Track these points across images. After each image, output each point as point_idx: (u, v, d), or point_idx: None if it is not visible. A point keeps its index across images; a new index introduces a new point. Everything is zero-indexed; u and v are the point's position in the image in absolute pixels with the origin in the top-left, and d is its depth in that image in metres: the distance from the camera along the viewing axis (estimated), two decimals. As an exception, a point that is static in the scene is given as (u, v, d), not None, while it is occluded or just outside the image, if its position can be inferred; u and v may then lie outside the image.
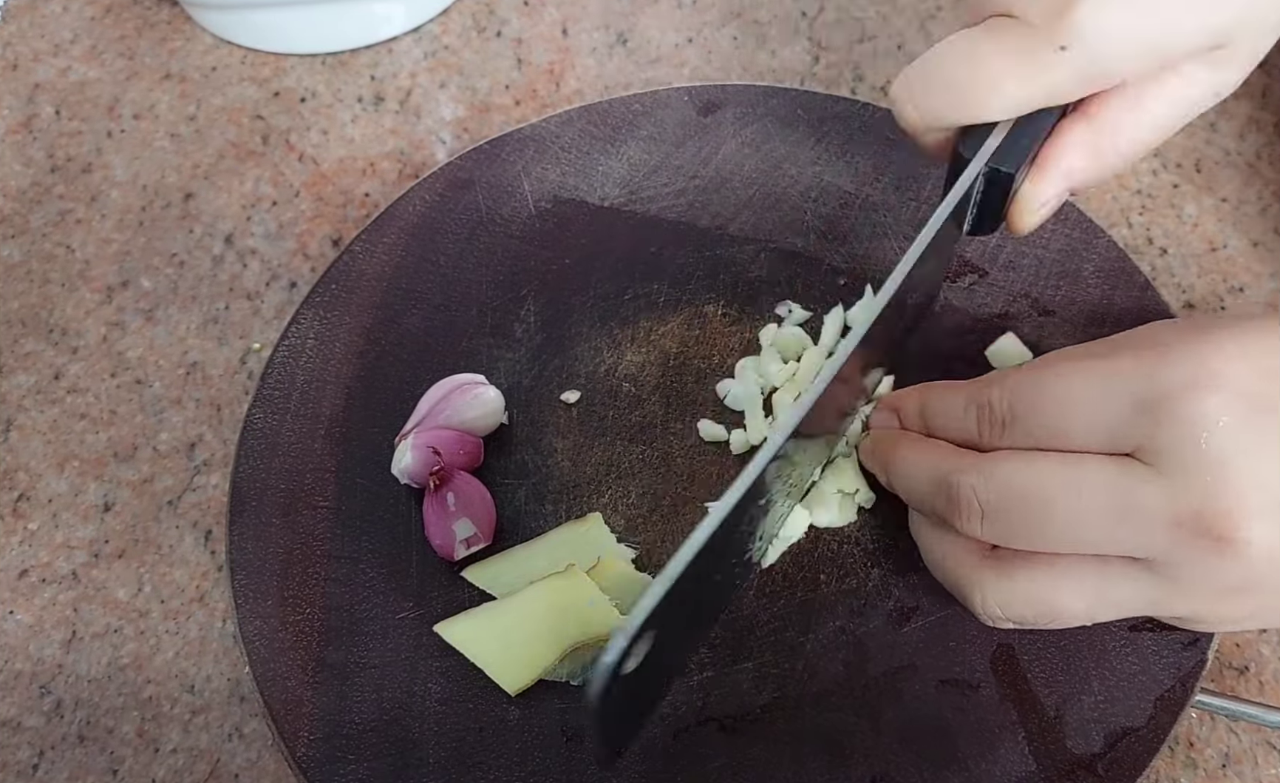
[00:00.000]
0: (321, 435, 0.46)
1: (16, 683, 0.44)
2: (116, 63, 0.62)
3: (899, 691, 0.40)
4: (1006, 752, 0.38)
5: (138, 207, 0.56)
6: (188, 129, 0.59)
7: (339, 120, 0.59)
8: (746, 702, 0.40)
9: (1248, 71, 0.37)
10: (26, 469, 0.49)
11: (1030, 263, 0.49)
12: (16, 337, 0.52)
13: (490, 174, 0.53)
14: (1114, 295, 0.48)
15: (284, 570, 0.43)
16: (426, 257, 0.51)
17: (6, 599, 0.46)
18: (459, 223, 0.52)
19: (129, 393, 0.51)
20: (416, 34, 0.62)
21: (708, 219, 0.52)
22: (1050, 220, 0.49)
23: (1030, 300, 0.48)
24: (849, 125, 0.54)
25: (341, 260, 0.50)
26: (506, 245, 0.51)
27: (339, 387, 0.47)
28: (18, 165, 0.58)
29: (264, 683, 0.40)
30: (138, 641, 0.45)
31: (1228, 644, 0.43)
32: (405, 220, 0.51)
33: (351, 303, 0.49)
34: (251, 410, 0.46)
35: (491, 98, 0.60)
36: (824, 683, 0.40)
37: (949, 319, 0.48)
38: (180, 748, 0.42)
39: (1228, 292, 0.51)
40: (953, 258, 0.49)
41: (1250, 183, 0.55)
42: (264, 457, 0.45)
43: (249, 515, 0.44)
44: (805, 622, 0.41)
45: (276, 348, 0.48)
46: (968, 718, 0.39)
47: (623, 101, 0.55)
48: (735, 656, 0.41)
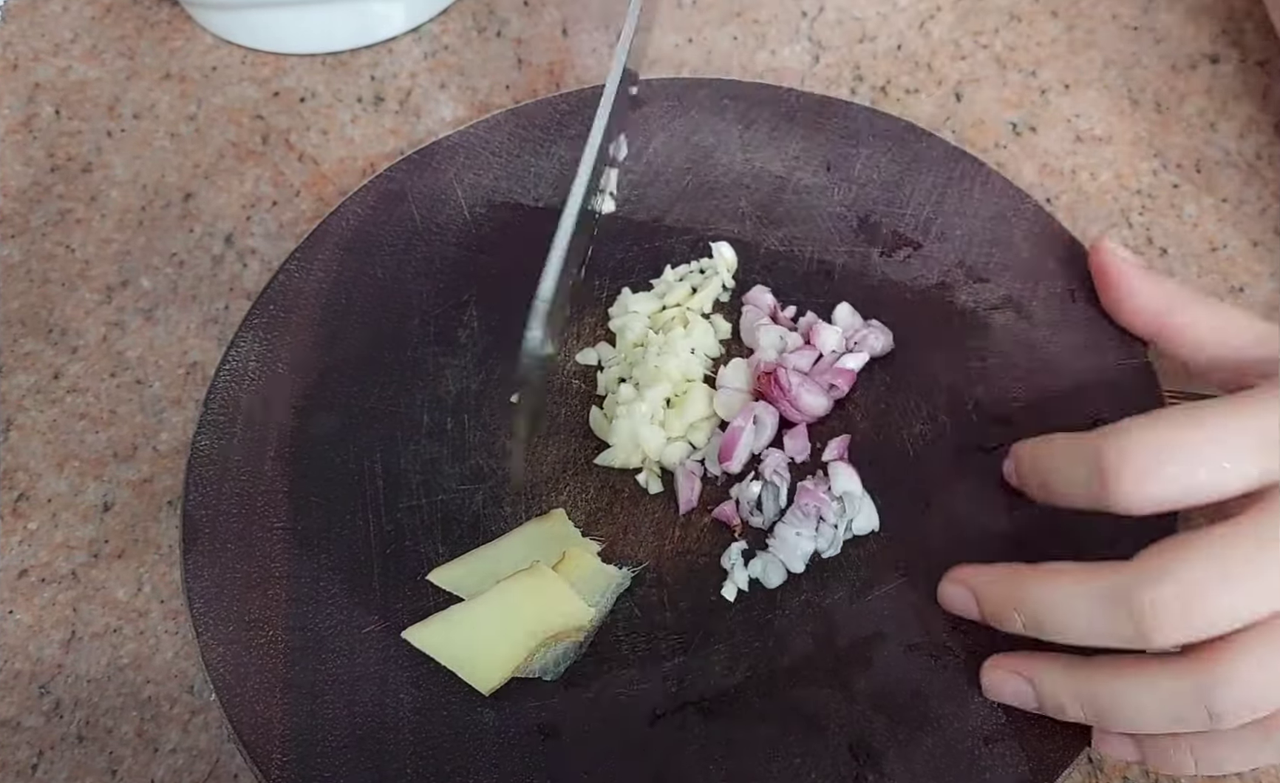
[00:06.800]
0: (271, 457, 0.46)
1: (16, 683, 0.44)
2: (116, 62, 0.62)
3: (868, 659, 0.40)
4: (978, 707, 0.39)
5: (138, 206, 0.56)
6: (188, 129, 0.59)
7: (339, 120, 0.59)
8: (720, 683, 0.40)
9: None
10: (26, 469, 0.49)
11: (962, 233, 0.50)
12: (16, 336, 0.52)
13: (421, 183, 0.53)
14: (1044, 258, 0.49)
15: (243, 595, 0.42)
16: (363, 270, 0.51)
17: (6, 599, 0.46)
18: (394, 234, 0.52)
19: (129, 393, 0.51)
20: (416, 34, 0.62)
21: (644, 212, 0.52)
22: (978, 190, 0.52)
23: (965, 269, 0.49)
24: (775, 111, 0.54)
25: (276, 281, 0.50)
26: (444, 253, 0.51)
27: (285, 406, 0.47)
28: (18, 165, 0.58)
29: (231, 709, 0.40)
30: (137, 640, 0.45)
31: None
32: (339, 236, 0.51)
33: (291, 322, 0.49)
34: (197, 438, 0.46)
35: (491, 98, 0.60)
36: (795, 657, 0.41)
37: (887, 293, 0.49)
38: (180, 748, 0.42)
39: (1228, 292, 0.51)
40: None
41: (1250, 183, 0.55)
42: (214, 483, 0.45)
43: (203, 543, 0.44)
44: (771, 599, 0.42)
45: (218, 373, 0.47)
46: (937, 679, 0.40)
47: (549, 102, 0.55)
48: (706, 638, 0.41)
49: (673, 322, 0.48)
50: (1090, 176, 0.55)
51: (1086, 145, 0.56)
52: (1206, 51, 0.60)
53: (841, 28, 0.62)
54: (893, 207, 0.51)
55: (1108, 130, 0.57)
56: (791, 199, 0.52)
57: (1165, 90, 0.58)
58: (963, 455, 0.44)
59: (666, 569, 0.43)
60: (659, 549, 0.43)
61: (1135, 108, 0.58)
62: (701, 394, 0.46)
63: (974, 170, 0.52)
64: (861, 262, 0.50)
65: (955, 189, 0.51)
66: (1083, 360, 0.46)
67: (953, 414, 0.46)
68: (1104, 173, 0.55)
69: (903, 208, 0.51)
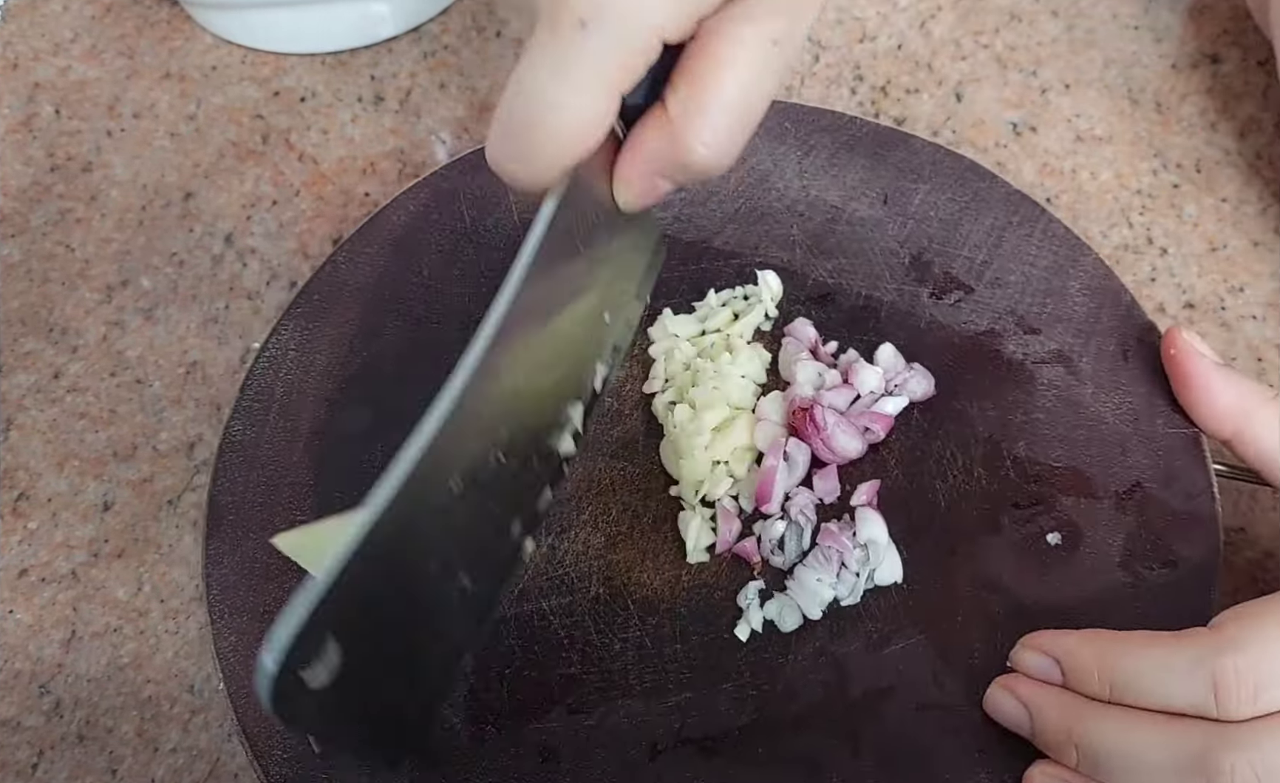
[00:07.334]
0: (300, 449, 0.45)
1: (16, 683, 0.44)
2: (116, 62, 0.62)
3: (879, 713, 0.39)
4: (987, 777, 0.38)
5: (138, 206, 0.56)
6: (188, 128, 0.59)
7: (339, 120, 0.59)
8: (725, 723, 0.40)
9: (806, 18, 0.33)
10: (26, 469, 0.49)
11: (1017, 279, 0.49)
12: (16, 336, 0.52)
13: (475, 185, 0.52)
14: (1100, 314, 0.47)
15: (260, 586, 0.42)
16: (410, 268, 0.50)
17: (6, 599, 0.46)
18: (442, 234, 0.51)
19: (129, 393, 0.51)
20: (416, 34, 0.62)
21: (693, 233, 0.51)
22: (1037, 236, 0.49)
23: (1016, 318, 0.48)
24: (836, 138, 0.53)
25: (325, 270, 0.50)
26: (490, 258, 0.50)
27: (319, 400, 0.47)
28: (18, 165, 0.58)
29: (238, 700, 0.40)
30: (137, 640, 0.45)
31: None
32: (389, 230, 0.51)
33: (333, 314, 0.49)
34: (230, 423, 0.46)
35: (491, 98, 0.60)
36: (803, 705, 0.40)
37: (934, 336, 0.48)
38: (180, 748, 0.42)
39: (1228, 292, 0.51)
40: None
41: (1250, 183, 0.55)
42: (242, 470, 0.45)
43: (225, 530, 0.43)
44: (784, 643, 0.41)
45: (257, 358, 0.47)
46: (948, 742, 0.39)
47: None
48: (713, 676, 0.40)
49: (713, 348, 0.47)
50: (1090, 176, 0.55)
51: (1086, 145, 0.56)
52: (1206, 51, 0.60)
53: (841, 27, 0.62)
54: (948, 247, 0.50)
55: (1108, 130, 0.57)
56: (844, 230, 0.50)
57: (1165, 90, 0.58)
58: (996, 512, 0.43)
59: (681, 601, 0.42)
60: (675, 579, 0.43)
61: (1135, 108, 0.58)
62: (745, 423, 0.45)
63: (1035, 215, 0.50)
64: (910, 301, 0.48)
65: (1014, 233, 0.50)
66: (1130, 425, 0.45)
67: (989, 468, 0.44)
68: (1104, 173, 0.55)
69: (958, 249, 0.50)
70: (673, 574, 0.43)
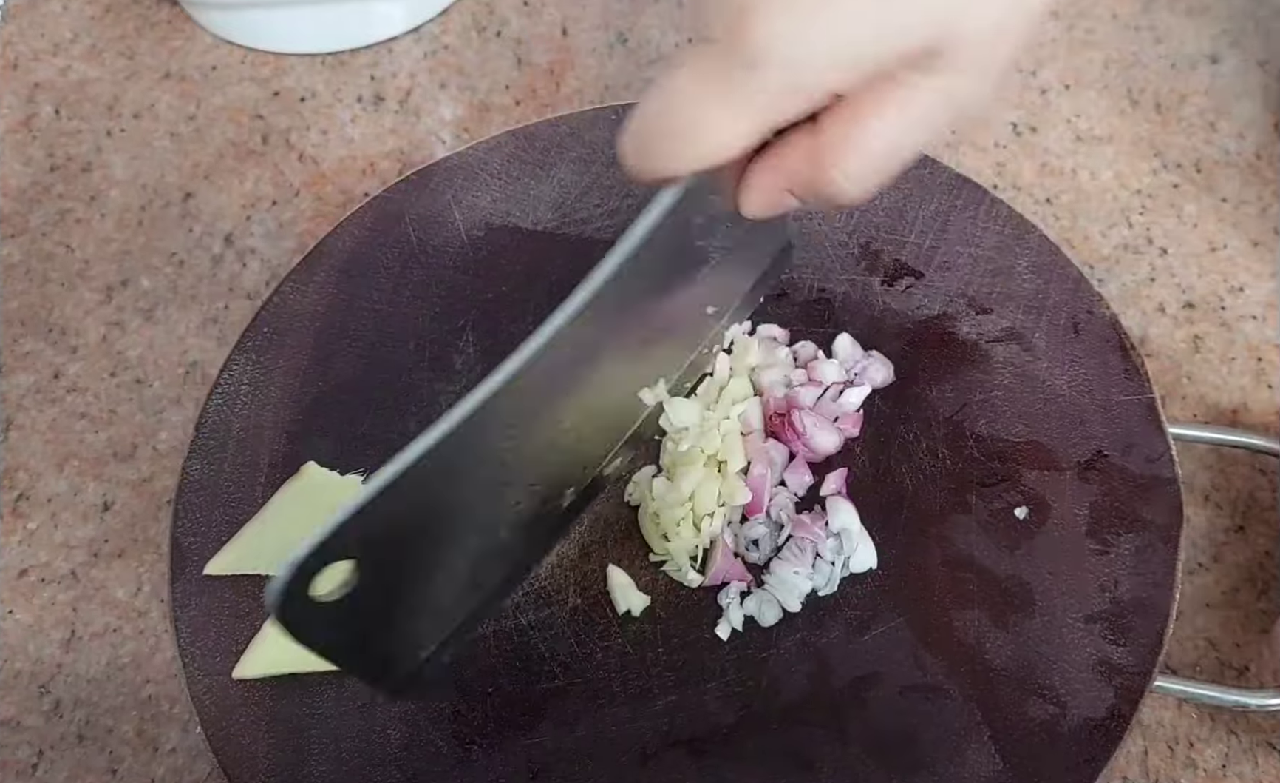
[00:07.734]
0: (261, 483, 0.45)
1: (16, 683, 0.44)
2: (116, 62, 0.62)
3: (863, 700, 0.40)
4: (974, 753, 0.39)
5: (137, 206, 0.56)
6: (188, 128, 0.59)
7: (339, 120, 0.59)
8: (713, 722, 0.40)
9: (991, 76, 0.32)
10: (26, 469, 0.49)
11: (965, 262, 0.49)
12: (16, 336, 0.52)
13: (419, 205, 0.52)
14: (1048, 289, 0.48)
15: (231, 626, 0.42)
16: (359, 293, 0.50)
17: (6, 599, 0.46)
18: (390, 256, 0.51)
19: (129, 393, 0.51)
20: (416, 34, 0.62)
21: None
22: (982, 218, 0.50)
23: (967, 299, 0.48)
24: None
25: (271, 302, 0.49)
26: (440, 276, 0.50)
27: (277, 432, 0.46)
28: (18, 165, 0.58)
29: (216, 743, 0.39)
30: (137, 640, 0.45)
31: (1227, 644, 0.43)
32: (335, 257, 0.51)
33: (285, 346, 0.48)
34: (188, 463, 0.45)
35: (491, 98, 0.60)
36: (788, 698, 0.40)
37: (889, 323, 0.48)
38: (180, 748, 0.42)
39: (1228, 291, 0.51)
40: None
41: (1250, 183, 0.55)
42: (204, 509, 0.44)
43: (191, 571, 0.43)
44: (766, 638, 0.41)
45: (209, 397, 0.47)
46: (933, 723, 0.39)
47: (550, 124, 0.54)
48: (697, 677, 0.41)
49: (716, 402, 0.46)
50: (1090, 176, 0.55)
51: (1086, 145, 0.56)
52: (1206, 51, 0.60)
53: (841, 28, 0.62)
54: (895, 234, 0.50)
55: (1108, 130, 0.57)
56: (792, 226, 0.50)
57: (1165, 90, 0.58)
58: (963, 491, 0.44)
59: (660, 605, 0.42)
60: (653, 584, 0.43)
61: (1135, 108, 0.58)
62: (739, 445, 0.44)
63: (979, 198, 0.50)
64: (863, 291, 0.49)
65: (959, 217, 0.50)
66: (1085, 396, 0.45)
67: (953, 448, 0.45)
68: (1104, 173, 0.55)
69: (905, 235, 0.50)
70: (649, 579, 0.43)
